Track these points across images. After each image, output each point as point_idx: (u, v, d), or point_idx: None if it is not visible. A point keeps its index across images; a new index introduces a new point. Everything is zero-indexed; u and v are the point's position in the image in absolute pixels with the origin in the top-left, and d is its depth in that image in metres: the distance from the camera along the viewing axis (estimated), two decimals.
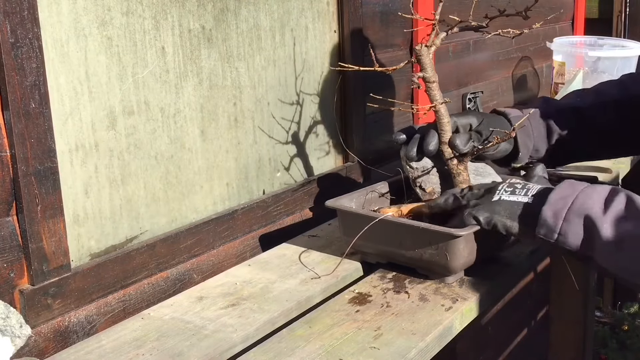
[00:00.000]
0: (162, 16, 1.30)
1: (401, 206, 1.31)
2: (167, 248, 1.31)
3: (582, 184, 1.12)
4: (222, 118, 1.44)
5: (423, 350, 1.04)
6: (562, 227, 1.08)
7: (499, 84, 2.57)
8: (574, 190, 1.10)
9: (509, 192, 1.16)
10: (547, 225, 1.09)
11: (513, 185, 1.18)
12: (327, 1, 1.70)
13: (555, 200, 1.10)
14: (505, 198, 1.16)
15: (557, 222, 1.08)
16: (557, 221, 1.08)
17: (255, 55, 1.51)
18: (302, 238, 1.47)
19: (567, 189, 1.11)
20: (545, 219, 1.09)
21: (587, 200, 1.08)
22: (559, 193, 1.11)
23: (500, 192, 1.17)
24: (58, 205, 1.11)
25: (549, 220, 1.09)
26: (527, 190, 1.15)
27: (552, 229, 1.09)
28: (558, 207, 1.09)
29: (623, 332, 3.71)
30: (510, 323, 2.75)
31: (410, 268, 1.26)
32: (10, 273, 1.08)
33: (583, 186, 1.11)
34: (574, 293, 2.16)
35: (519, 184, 1.18)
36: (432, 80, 1.26)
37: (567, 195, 1.10)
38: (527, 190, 1.15)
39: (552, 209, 1.09)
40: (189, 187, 1.39)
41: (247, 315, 1.14)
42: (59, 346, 1.13)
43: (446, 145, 1.29)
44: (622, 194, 1.08)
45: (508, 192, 1.16)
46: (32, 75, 1.05)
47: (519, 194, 1.15)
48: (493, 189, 1.19)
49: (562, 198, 1.10)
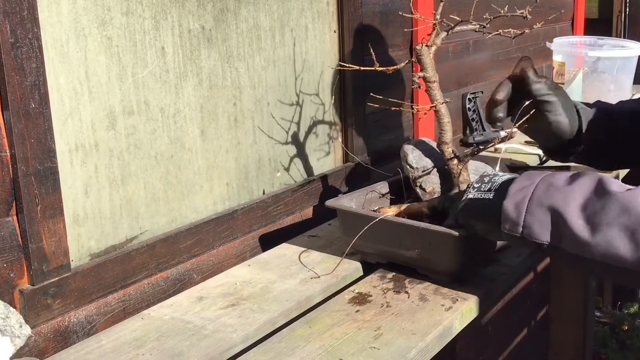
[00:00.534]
0: (162, 16, 1.29)
1: (401, 206, 1.31)
2: (167, 248, 1.31)
3: (541, 173, 1.08)
4: (222, 118, 1.44)
5: (423, 350, 1.04)
6: (525, 219, 1.04)
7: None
8: (533, 181, 1.06)
9: (476, 190, 1.13)
10: (511, 220, 1.05)
11: (481, 180, 1.14)
12: (327, 1, 1.70)
13: (515, 192, 1.06)
14: (471, 196, 1.13)
15: (519, 215, 1.05)
16: (520, 214, 1.05)
17: (255, 55, 1.51)
18: (302, 238, 1.48)
19: (525, 180, 1.07)
20: (507, 213, 1.06)
21: (549, 188, 1.04)
22: (518, 185, 1.07)
23: (469, 191, 1.14)
24: (58, 205, 1.11)
25: (512, 214, 1.05)
26: (490, 184, 1.12)
27: (516, 222, 1.05)
28: (518, 199, 1.05)
29: (623, 332, 3.72)
30: (510, 323, 2.75)
31: (410, 268, 1.26)
32: (10, 273, 1.08)
33: (542, 175, 1.07)
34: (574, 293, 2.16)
35: (487, 177, 1.14)
36: (432, 80, 1.26)
37: (525, 185, 1.06)
38: (491, 185, 1.12)
39: (513, 202, 1.06)
40: (189, 187, 1.39)
41: (247, 315, 1.14)
42: (58, 346, 1.13)
43: (446, 146, 1.29)
44: (585, 177, 1.04)
45: (475, 190, 1.13)
46: (32, 75, 1.05)
47: (483, 190, 1.12)
48: (467, 188, 1.17)
49: (521, 189, 1.06)
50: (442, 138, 1.29)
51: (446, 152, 1.29)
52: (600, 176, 1.03)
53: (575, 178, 1.04)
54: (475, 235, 1.14)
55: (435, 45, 1.26)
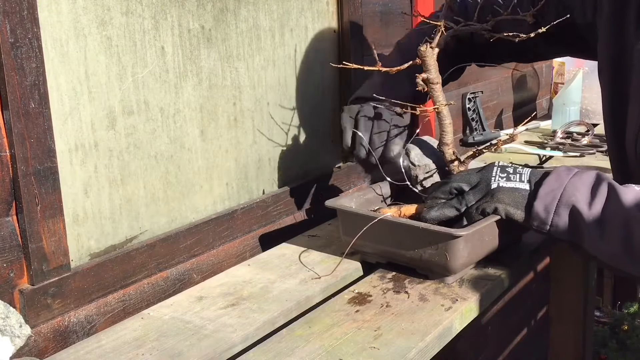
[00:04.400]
0: (162, 16, 1.29)
1: (401, 206, 1.31)
2: (167, 248, 1.31)
3: (569, 173, 1.16)
4: (221, 118, 1.44)
5: (423, 351, 1.04)
6: (553, 220, 1.14)
7: (499, 84, 2.57)
8: (562, 183, 1.14)
9: (505, 179, 1.20)
10: (540, 219, 1.15)
11: (505, 170, 1.21)
12: (327, 1, 1.70)
13: (545, 194, 1.15)
14: (503, 185, 1.19)
15: (548, 216, 1.14)
16: (548, 215, 1.14)
17: (254, 55, 1.51)
18: (302, 238, 1.47)
19: (554, 182, 1.15)
20: (537, 213, 1.15)
21: (575, 192, 1.13)
22: (547, 187, 1.15)
23: (497, 179, 1.20)
24: (58, 205, 1.11)
25: (541, 215, 1.15)
26: (520, 175, 1.20)
27: (544, 222, 1.15)
28: (547, 202, 1.14)
29: (623, 332, 3.72)
30: (510, 323, 2.75)
31: (410, 268, 1.26)
32: (10, 273, 1.07)
33: (570, 176, 1.15)
34: (574, 293, 2.16)
35: (509, 168, 1.21)
36: (435, 81, 1.26)
37: (555, 188, 1.14)
38: (521, 176, 1.19)
39: (542, 204, 1.14)
40: (189, 187, 1.39)
41: (246, 315, 1.14)
42: (58, 346, 1.12)
43: (447, 147, 1.29)
44: (604, 183, 1.13)
45: (504, 179, 1.20)
46: (32, 75, 1.05)
47: (515, 180, 1.19)
48: (486, 177, 1.21)
49: (551, 191, 1.14)
50: (443, 139, 1.29)
51: (447, 153, 1.29)
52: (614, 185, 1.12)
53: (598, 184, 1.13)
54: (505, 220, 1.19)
55: (439, 47, 1.26)
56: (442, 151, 1.30)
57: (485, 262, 1.28)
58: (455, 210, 1.20)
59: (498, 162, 1.25)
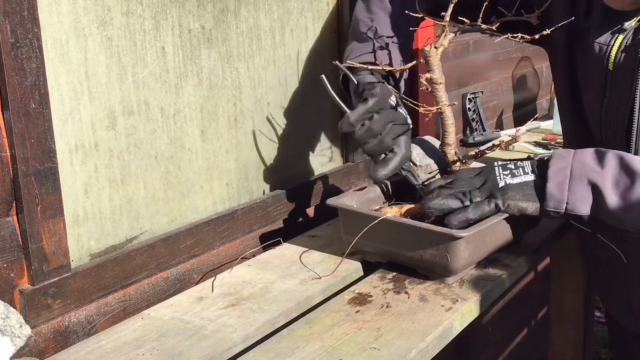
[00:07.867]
0: (162, 16, 1.29)
1: (402, 206, 1.31)
2: (167, 248, 1.31)
3: (568, 152, 1.21)
4: (222, 118, 1.44)
5: (423, 351, 1.04)
6: (568, 197, 1.17)
7: (499, 84, 2.57)
8: (567, 161, 1.19)
9: (510, 176, 1.22)
10: (555, 198, 1.18)
11: (506, 167, 1.23)
12: (327, 1, 1.70)
13: (554, 174, 1.18)
14: (510, 182, 1.21)
15: (562, 194, 1.18)
16: (563, 192, 1.18)
17: (255, 55, 1.51)
18: (302, 238, 1.47)
19: (559, 162, 1.20)
20: (551, 194, 1.18)
21: (584, 167, 1.18)
22: (555, 167, 1.19)
23: (502, 177, 1.22)
24: (58, 205, 1.11)
25: (556, 194, 1.18)
26: (522, 168, 1.22)
27: (560, 200, 1.18)
28: (560, 179, 1.18)
29: None
30: (510, 323, 2.74)
31: (410, 268, 1.26)
32: (10, 273, 1.07)
33: (570, 154, 1.20)
34: (574, 293, 2.16)
35: (510, 164, 1.24)
36: (439, 81, 1.25)
37: (562, 167, 1.19)
38: (523, 168, 1.22)
39: (555, 183, 1.18)
40: (189, 187, 1.39)
41: (247, 315, 1.14)
42: (59, 346, 1.12)
43: (449, 147, 1.29)
44: (609, 153, 1.18)
45: (509, 176, 1.22)
46: (32, 76, 1.05)
47: (520, 174, 1.22)
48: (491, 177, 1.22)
49: (559, 170, 1.18)
50: (445, 140, 1.29)
51: (449, 154, 1.29)
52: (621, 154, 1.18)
53: (601, 156, 1.18)
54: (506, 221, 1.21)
55: (443, 47, 1.25)
56: (444, 152, 1.30)
57: (486, 262, 1.28)
58: (459, 202, 1.20)
59: (497, 162, 1.25)
